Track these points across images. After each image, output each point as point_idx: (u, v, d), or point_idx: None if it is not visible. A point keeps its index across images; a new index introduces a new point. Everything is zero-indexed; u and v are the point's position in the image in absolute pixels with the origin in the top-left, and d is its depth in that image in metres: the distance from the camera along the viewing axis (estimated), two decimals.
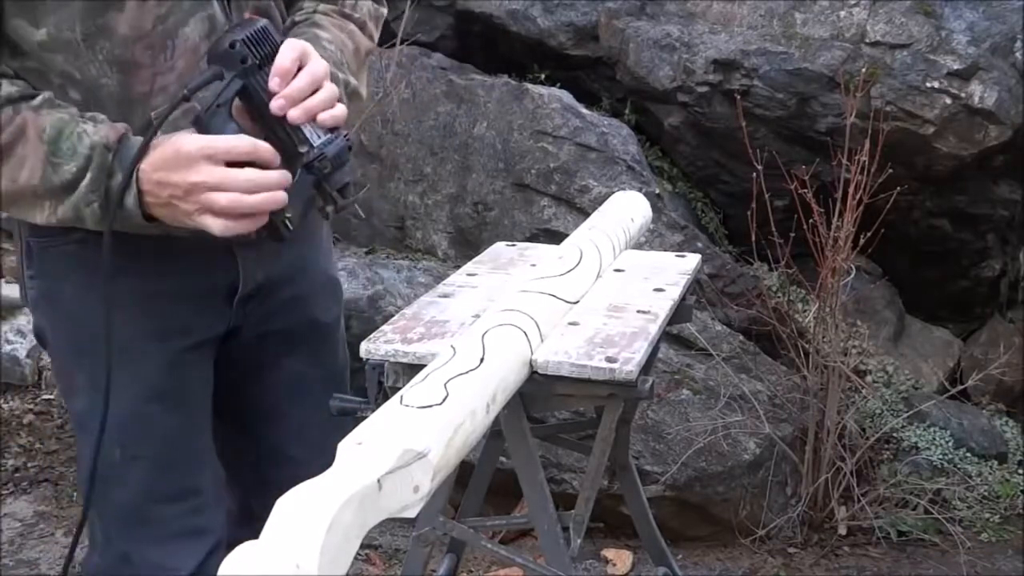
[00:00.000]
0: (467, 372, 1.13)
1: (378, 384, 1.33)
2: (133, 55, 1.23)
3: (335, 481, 0.87)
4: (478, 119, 3.33)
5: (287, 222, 1.21)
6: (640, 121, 3.64)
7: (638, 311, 1.49)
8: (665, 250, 2.66)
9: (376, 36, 1.49)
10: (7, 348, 3.43)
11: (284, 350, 1.51)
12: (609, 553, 2.76)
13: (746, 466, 2.80)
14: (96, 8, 1.20)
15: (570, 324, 1.42)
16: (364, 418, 1.01)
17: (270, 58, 1.18)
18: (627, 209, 1.83)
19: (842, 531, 2.87)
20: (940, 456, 3.03)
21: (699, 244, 3.15)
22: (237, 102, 1.20)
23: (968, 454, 3.07)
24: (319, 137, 1.20)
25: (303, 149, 1.19)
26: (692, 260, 1.80)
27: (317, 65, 1.21)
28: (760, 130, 3.33)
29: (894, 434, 3.06)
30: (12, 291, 3.55)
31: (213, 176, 1.15)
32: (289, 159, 1.20)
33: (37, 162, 1.17)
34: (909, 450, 3.05)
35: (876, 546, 2.84)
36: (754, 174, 2.80)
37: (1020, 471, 3.12)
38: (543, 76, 3.59)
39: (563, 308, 1.46)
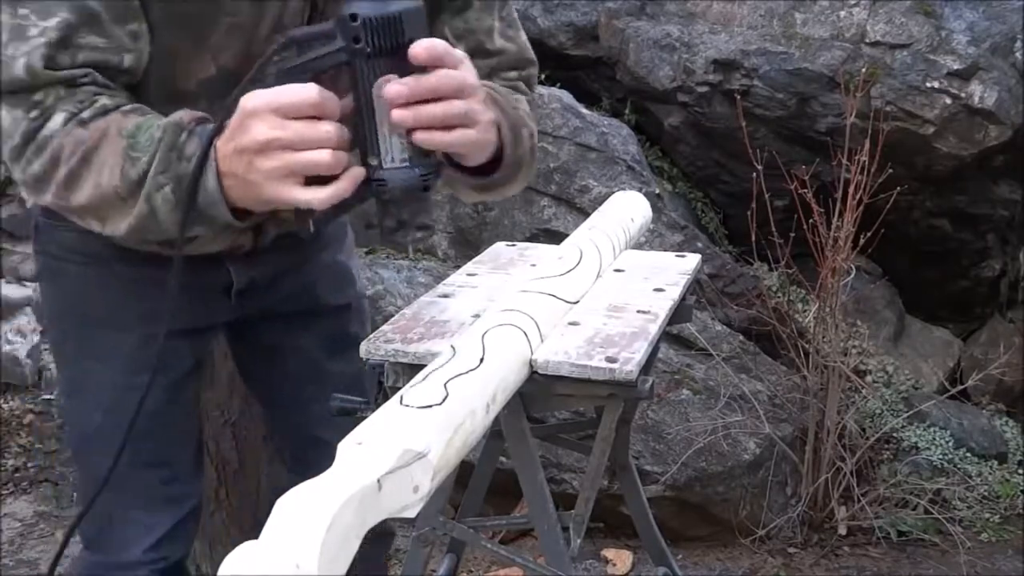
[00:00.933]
0: (467, 372, 1.13)
1: (378, 384, 1.33)
2: None
3: (335, 481, 0.88)
4: None
5: (313, 219, 1.06)
6: (640, 121, 3.64)
7: (638, 311, 1.49)
8: (665, 250, 2.66)
9: (534, 152, 1.32)
10: (7, 348, 3.43)
11: (298, 331, 1.56)
12: (609, 553, 2.76)
13: (746, 466, 2.80)
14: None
15: (570, 324, 1.42)
16: (364, 418, 1.01)
17: (386, 52, 0.99)
18: (627, 209, 1.83)
19: (842, 531, 2.87)
20: (940, 456, 3.03)
21: (699, 244, 3.15)
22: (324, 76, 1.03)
23: (968, 454, 3.07)
24: (393, 160, 1.02)
25: (372, 162, 1.02)
26: (692, 260, 1.80)
27: (468, 75, 1.03)
28: (760, 130, 3.33)
29: (894, 434, 3.06)
30: (12, 291, 3.55)
31: (287, 131, 0.98)
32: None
33: (116, 159, 1.08)
34: (909, 450, 3.05)
35: (876, 546, 2.84)
36: (754, 174, 2.80)
37: (1020, 471, 3.12)
38: (543, 76, 3.59)
39: (563, 308, 1.46)
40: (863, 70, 3.03)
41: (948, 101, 3.16)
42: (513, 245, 1.87)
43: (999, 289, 3.68)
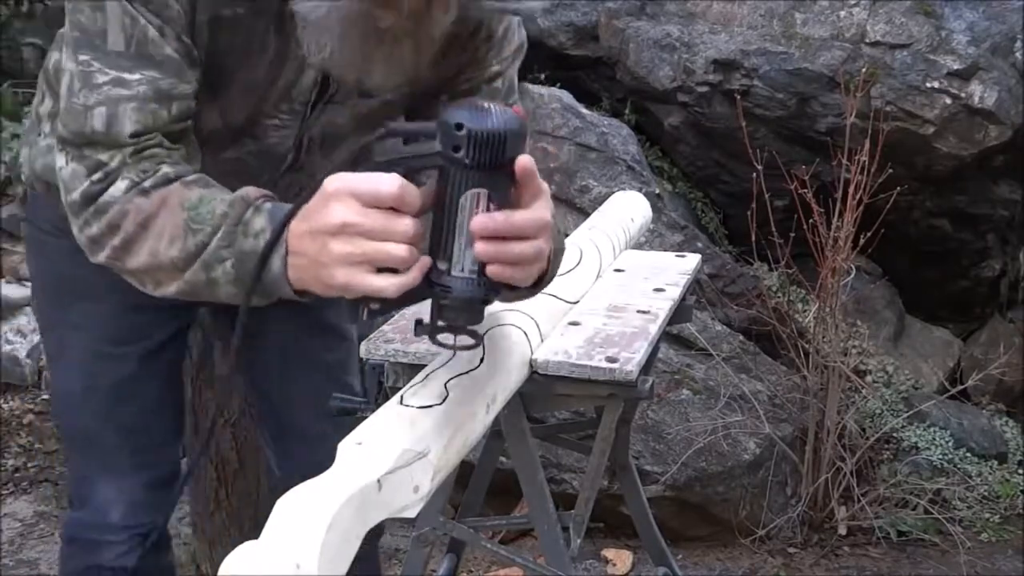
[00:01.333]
0: (467, 372, 1.13)
1: (378, 384, 1.33)
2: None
3: (335, 481, 0.88)
4: None
5: (369, 308, 1.03)
6: (640, 121, 3.64)
7: (638, 311, 1.49)
8: (665, 250, 2.66)
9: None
10: (7, 348, 3.43)
11: (274, 313, 1.59)
12: (609, 553, 2.76)
13: (746, 466, 2.80)
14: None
15: (570, 324, 1.42)
16: (364, 418, 1.01)
17: (484, 168, 0.97)
18: (627, 209, 1.83)
19: (842, 531, 2.87)
20: (940, 456, 3.03)
21: (699, 244, 3.15)
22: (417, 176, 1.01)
23: (968, 454, 3.07)
24: (462, 270, 1.00)
25: (441, 266, 1.00)
26: (692, 260, 1.80)
27: (547, 212, 1.02)
28: (760, 130, 3.33)
29: (894, 434, 3.06)
30: (12, 291, 3.55)
31: (367, 219, 0.96)
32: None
33: (176, 230, 1.08)
34: (909, 450, 3.04)
35: (876, 546, 2.84)
36: (754, 174, 2.80)
37: (1020, 471, 3.12)
38: (543, 76, 3.59)
39: (563, 308, 1.46)
40: (863, 70, 3.03)
41: (948, 101, 3.16)
42: None
43: (999, 289, 3.68)
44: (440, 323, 1.03)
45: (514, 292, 1.14)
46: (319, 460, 0.93)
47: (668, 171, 3.68)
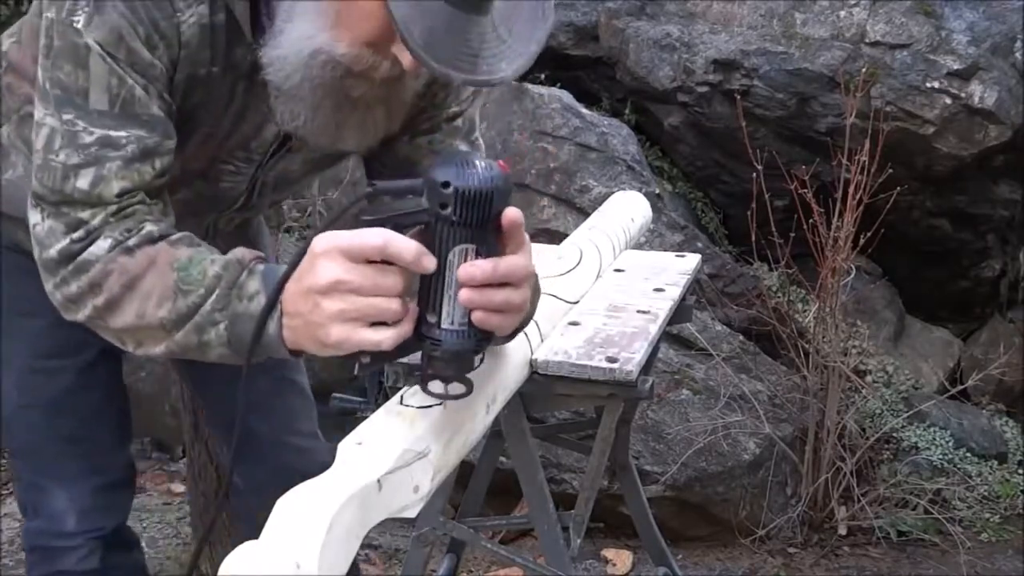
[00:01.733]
0: None
1: (378, 384, 1.33)
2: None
3: (335, 481, 0.88)
4: None
5: (360, 362, 1.03)
6: (640, 121, 3.64)
7: (638, 311, 1.49)
8: (665, 250, 2.66)
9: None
10: None
11: None
12: (609, 553, 2.76)
13: (746, 466, 2.80)
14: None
15: (570, 324, 1.42)
16: (364, 418, 1.02)
17: (471, 224, 0.98)
18: (627, 209, 1.84)
19: (842, 531, 2.87)
20: (940, 456, 3.03)
21: (699, 244, 3.15)
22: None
23: (968, 454, 3.07)
24: (453, 322, 1.00)
25: (431, 319, 1.01)
26: (692, 260, 1.80)
27: (530, 261, 1.03)
28: (760, 130, 3.33)
29: (894, 434, 3.06)
30: None
31: (356, 275, 0.96)
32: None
33: (166, 291, 1.07)
34: (909, 450, 3.05)
35: (876, 546, 2.84)
36: (754, 174, 2.81)
37: (1020, 471, 3.12)
38: (543, 76, 3.60)
39: (563, 308, 1.46)
40: (863, 70, 3.03)
41: (948, 101, 3.16)
42: None
43: (999, 289, 3.68)
44: (430, 373, 1.03)
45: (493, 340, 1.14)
46: (279, 465, 0.93)
47: (668, 171, 3.68)
